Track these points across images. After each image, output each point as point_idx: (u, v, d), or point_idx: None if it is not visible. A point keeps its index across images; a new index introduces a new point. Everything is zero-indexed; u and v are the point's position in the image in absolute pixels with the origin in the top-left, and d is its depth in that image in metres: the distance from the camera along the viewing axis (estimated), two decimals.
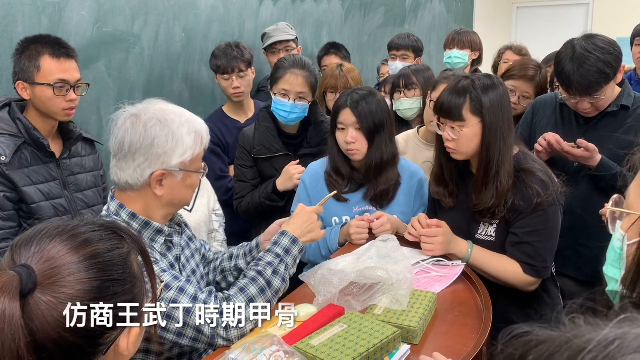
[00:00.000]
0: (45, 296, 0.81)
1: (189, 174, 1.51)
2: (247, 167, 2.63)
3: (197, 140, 1.50)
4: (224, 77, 2.95)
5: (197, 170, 1.53)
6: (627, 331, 0.44)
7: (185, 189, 1.53)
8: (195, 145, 1.49)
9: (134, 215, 1.50)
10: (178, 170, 1.48)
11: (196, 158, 1.51)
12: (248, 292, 1.50)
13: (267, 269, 1.55)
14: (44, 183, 2.08)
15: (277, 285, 1.55)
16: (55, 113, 2.08)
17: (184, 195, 1.54)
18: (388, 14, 5.20)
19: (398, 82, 2.79)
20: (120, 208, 1.51)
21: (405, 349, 1.38)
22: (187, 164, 1.49)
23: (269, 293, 1.53)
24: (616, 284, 0.96)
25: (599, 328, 0.45)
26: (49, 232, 0.88)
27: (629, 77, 3.58)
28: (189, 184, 1.53)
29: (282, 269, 1.58)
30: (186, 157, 1.48)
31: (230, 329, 1.44)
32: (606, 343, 0.43)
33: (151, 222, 1.51)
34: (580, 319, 0.47)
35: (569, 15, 7.58)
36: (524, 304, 1.94)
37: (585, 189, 2.22)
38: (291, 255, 1.62)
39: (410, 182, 2.17)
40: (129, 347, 0.91)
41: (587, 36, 2.14)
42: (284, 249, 1.61)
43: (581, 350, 0.43)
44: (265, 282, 1.53)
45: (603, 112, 2.22)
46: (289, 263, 1.61)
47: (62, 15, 2.57)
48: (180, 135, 1.46)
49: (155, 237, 1.53)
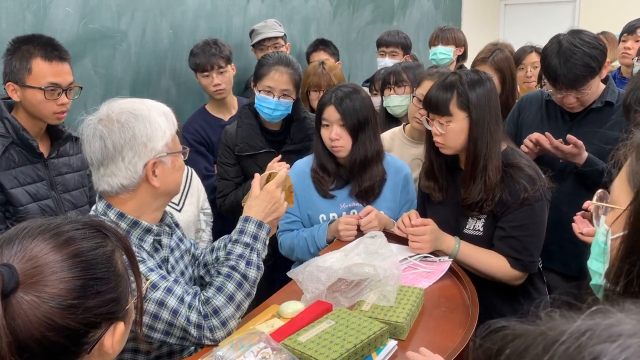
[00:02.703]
0: (28, 295, 0.81)
1: (176, 157, 1.52)
2: (229, 165, 2.61)
3: (169, 120, 1.51)
4: (204, 75, 2.92)
5: (179, 150, 1.54)
6: (599, 322, 0.45)
7: (176, 173, 1.54)
8: (169, 125, 1.50)
9: (122, 215, 1.49)
10: (166, 154, 1.49)
11: (174, 139, 1.52)
12: (226, 290, 1.48)
13: (240, 262, 1.53)
14: (31, 184, 2.05)
15: (253, 276, 1.53)
16: (45, 116, 2.04)
17: (176, 180, 1.56)
18: (376, 10, 5.20)
19: (388, 78, 2.79)
20: (107, 208, 1.50)
21: (392, 345, 1.39)
22: (170, 145, 1.50)
23: (247, 286, 1.51)
24: (600, 277, 0.97)
25: (572, 320, 0.46)
26: (31, 231, 0.87)
27: (613, 75, 3.63)
28: (177, 166, 1.54)
29: (254, 258, 1.55)
30: (167, 139, 1.49)
31: (216, 329, 1.44)
32: (578, 334, 0.44)
33: (140, 221, 1.50)
34: (556, 313, 0.48)
35: (556, 12, 7.64)
36: (512, 299, 1.96)
37: (570, 185, 2.25)
38: (260, 241, 1.58)
39: (396, 178, 2.18)
40: (113, 346, 0.90)
41: (573, 31, 2.17)
42: (251, 235, 1.57)
43: (555, 342, 0.44)
44: (241, 276, 1.51)
45: (588, 109, 2.24)
46: (259, 249, 1.58)
47: (47, 11, 2.54)
48: (154, 118, 1.48)
49: (144, 237, 1.52)
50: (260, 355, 1.25)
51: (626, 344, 0.42)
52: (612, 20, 4.46)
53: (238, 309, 1.48)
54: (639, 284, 0.83)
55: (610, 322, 0.45)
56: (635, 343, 0.42)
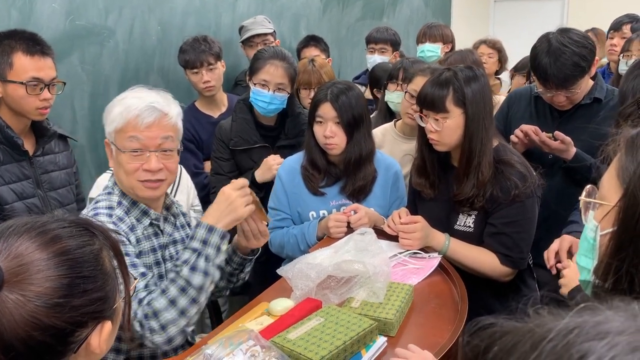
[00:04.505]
0: (13, 294, 0.80)
1: (118, 151, 1.53)
2: (224, 160, 2.61)
3: (124, 113, 1.51)
4: (193, 72, 2.91)
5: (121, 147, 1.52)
6: (587, 319, 0.45)
7: (118, 167, 1.55)
8: (120, 117, 1.51)
9: (124, 194, 1.58)
10: (111, 141, 1.55)
11: (121, 132, 1.52)
12: (169, 294, 1.45)
13: (184, 268, 1.48)
14: (16, 182, 2.03)
15: (199, 282, 1.48)
16: (27, 112, 2.01)
17: (119, 174, 1.57)
18: (366, 7, 5.20)
19: (397, 74, 2.68)
20: (114, 185, 1.60)
21: (382, 341, 1.39)
22: (112, 134, 1.54)
23: (191, 291, 1.47)
24: (588, 273, 0.97)
25: (561, 317, 0.46)
26: (17, 229, 0.86)
27: (602, 71, 3.65)
28: (119, 160, 1.54)
29: (200, 263, 1.49)
30: (111, 127, 1.53)
31: (154, 332, 1.43)
32: (566, 331, 0.44)
33: (138, 203, 1.58)
34: (544, 310, 0.48)
35: (545, 9, 7.67)
36: (502, 295, 1.97)
37: (559, 181, 2.26)
38: (211, 245, 1.51)
39: (386, 175, 2.18)
40: (100, 345, 0.89)
41: (562, 30, 2.17)
42: (200, 241, 1.51)
43: (542, 339, 0.44)
44: (185, 281, 1.47)
45: (577, 105, 2.25)
46: (209, 254, 1.51)
47: (32, 7, 2.52)
48: (114, 104, 1.54)
49: (141, 218, 1.59)
50: (249, 353, 1.24)
51: (614, 342, 0.42)
52: (601, 16, 4.49)
53: (182, 315, 1.45)
54: (627, 280, 0.83)
55: (598, 319, 0.45)
56: (623, 341, 0.42)
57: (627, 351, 0.42)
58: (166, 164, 1.55)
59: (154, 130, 1.51)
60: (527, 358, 0.44)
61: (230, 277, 1.80)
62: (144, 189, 1.54)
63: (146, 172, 1.52)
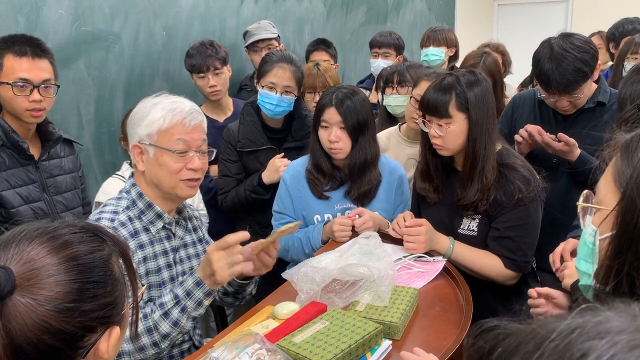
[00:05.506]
0: (24, 298, 0.81)
1: (160, 152, 1.56)
2: (231, 162, 2.63)
3: (168, 115, 1.55)
4: (200, 76, 2.93)
5: (164, 147, 1.56)
6: (588, 320, 0.46)
7: (159, 168, 1.58)
8: (163, 119, 1.55)
9: (141, 195, 1.61)
10: (148, 144, 1.56)
11: (166, 134, 1.56)
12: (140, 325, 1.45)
13: (157, 312, 1.48)
14: (22, 186, 2.05)
15: (166, 330, 1.47)
16: (18, 113, 2.00)
17: (159, 175, 1.59)
18: (370, 11, 5.21)
19: (392, 77, 2.75)
20: (132, 186, 1.63)
21: (386, 345, 1.39)
22: (153, 136, 1.56)
23: (155, 335, 1.47)
24: (589, 278, 0.98)
25: (563, 318, 0.47)
26: (28, 234, 0.87)
27: (605, 74, 3.64)
28: (161, 162, 1.57)
29: (174, 313, 1.47)
30: (152, 129, 1.55)
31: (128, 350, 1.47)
32: (568, 331, 0.45)
33: (154, 205, 1.61)
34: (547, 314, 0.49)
35: (549, 12, 7.67)
36: (506, 298, 1.97)
37: (563, 184, 2.26)
38: (192, 299, 1.48)
39: (391, 179, 2.19)
40: (109, 350, 0.90)
41: (564, 35, 2.17)
42: (185, 290, 1.49)
43: (545, 340, 0.45)
44: (153, 325, 1.47)
45: (580, 109, 2.25)
46: (187, 306, 1.48)
47: (39, 14, 2.54)
48: (151, 108, 1.57)
49: (154, 221, 1.61)
50: (255, 357, 1.25)
51: (614, 341, 0.43)
52: (605, 19, 4.48)
53: (140, 351, 1.47)
54: (628, 283, 0.84)
55: (599, 319, 0.46)
56: (623, 340, 0.43)
57: (627, 349, 0.43)
58: (204, 164, 1.64)
59: (197, 133, 1.60)
60: (530, 358, 0.45)
61: (236, 294, 1.78)
62: (186, 188, 1.61)
63: (189, 171, 1.59)
